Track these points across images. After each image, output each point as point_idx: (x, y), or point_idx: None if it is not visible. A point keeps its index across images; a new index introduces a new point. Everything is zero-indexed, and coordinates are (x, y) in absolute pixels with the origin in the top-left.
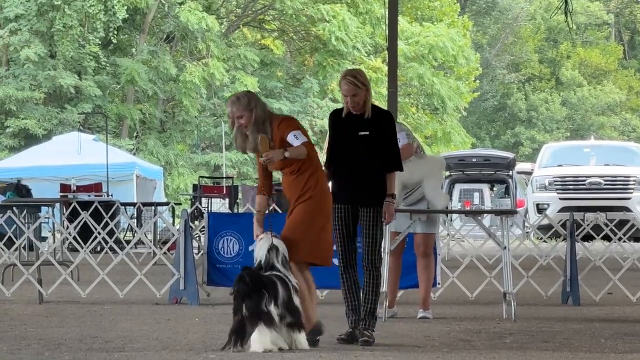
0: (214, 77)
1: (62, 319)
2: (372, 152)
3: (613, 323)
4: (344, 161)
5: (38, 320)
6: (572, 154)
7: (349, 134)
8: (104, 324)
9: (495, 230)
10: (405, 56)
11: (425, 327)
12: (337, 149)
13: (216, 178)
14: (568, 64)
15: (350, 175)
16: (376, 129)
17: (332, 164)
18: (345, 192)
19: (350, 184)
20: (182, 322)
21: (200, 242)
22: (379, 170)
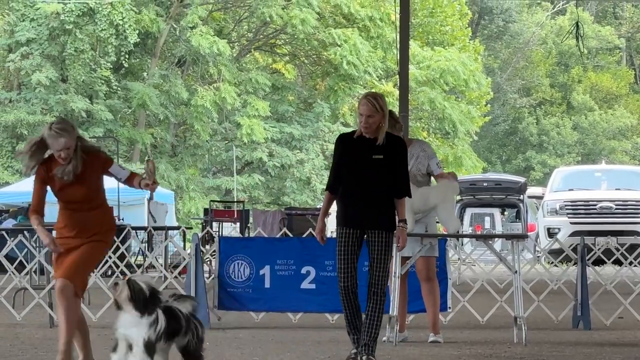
0: (225, 101)
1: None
2: (384, 177)
3: (624, 347)
4: (357, 184)
5: (49, 344)
6: (583, 178)
7: (362, 157)
8: None
9: (506, 255)
10: (416, 80)
11: (436, 352)
12: (348, 171)
13: (227, 202)
14: (579, 88)
15: (362, 199)
16: (389, 154)
17: (342, 186)
18: (356, 216)
19: (362, 208)
20: None
21: (211, 266)
22: (390, 195)
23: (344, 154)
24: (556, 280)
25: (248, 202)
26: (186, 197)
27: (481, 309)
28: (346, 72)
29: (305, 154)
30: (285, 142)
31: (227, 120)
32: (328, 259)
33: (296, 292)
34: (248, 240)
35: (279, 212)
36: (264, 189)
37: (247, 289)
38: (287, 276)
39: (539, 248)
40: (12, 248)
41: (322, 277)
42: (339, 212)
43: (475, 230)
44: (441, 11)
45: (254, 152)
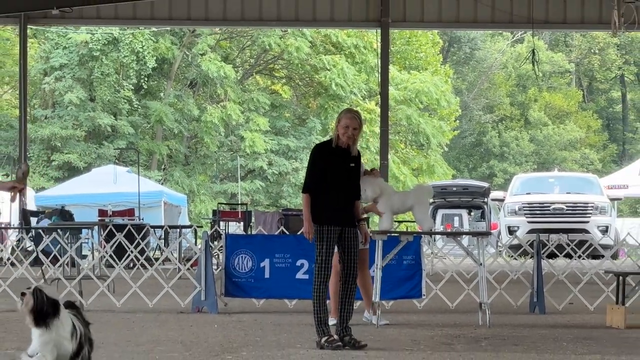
0: (230, 117)
1: (100, 325)
2: (355, 182)
3: (574, 329)
4: (336, 188)
5: None
6: (539, 183)
7: (341, 165)
8: (136, 329)
9: (472, 249)
10: (395, 99)
11: (413, 332)
12: (330, 176)
13: (233, 204)
14: (535, 106)
15: (341, 201)
16: (357, 164)
17: (322, 189)
18: (337, 215)
19: (342, 208)
20: (203, 328)
21: (219, 260)
22: (357, 198)
23: (325, 161)
24: (515, 272)
25: (250, 204)
26: (197, 200)
27: (451, 296)
28: (335, 93)
29: (300, 163)
30: (282, 152)
31: (232, 134)
32: None
33: (292, 282)
34: (250, 237)
35: (277, 213)
36: (264, 193)
37: (249, 279)
38: (284, 268)
39: (500, 244)
40: (48, 244)
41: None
42: (320, 211)
43: (446, 228)
44: (416, 40)
45: (256, 161)
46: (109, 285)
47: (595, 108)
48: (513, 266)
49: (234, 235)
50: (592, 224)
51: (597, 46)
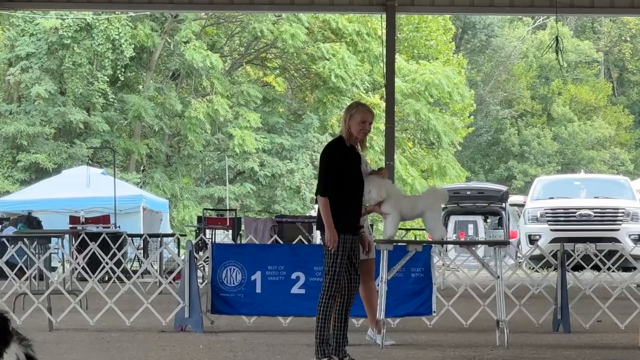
0: (218, 113)
1: (72, 346)
2: (363, 185)
3: (602, 350)
4: (352, 192)
5: (48, 348)
6: (563, 187)
7: (355, 166)
8: (112, 351)
9: (488, 261)
10: (402, 93)
11: (422, 354)
12: (347, 179)
13: (220, 210)
14: (559, 100)
15: (357, 207)
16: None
17: (338, 194)
18: (353, 223)
19: (357, 214)
20: (187, 349)
21: (205, 272)
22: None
23: (341, 162)
24: (537, 285)
25: (240, 210)
26: (180, 205)
27: (465, 313)
28: (334, 85)
29: (295, 164)
30: (275, 152)
31: (219, 132)
32: (317, 264)
33: (286, 297)
34: (240, 246)
35: (269, 219)
36: (255, 198)
37: (239, 294)
38: (278, 281)
39: (520, 254)
40: (13, 255)
41: (312, 282)
42: (335, 219)
43: (459, 237)
44: (426, 26)
45: (246, 162)
46: (82, 300)
47: (627, 102)
48: (534, 279)
49: (221, 244)
50: (623, 232)
51: (629, 33)
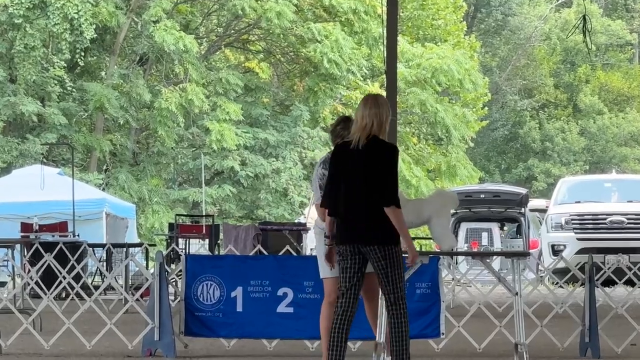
0: (192, 103)
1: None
2: None
3: None
4: None
5: None
6: (592, 189)
7: None
8: None
9: (505, 275)
10: (405, 80)
11: None
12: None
13: (195, 216)
14: (587, 89)
15: None
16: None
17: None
18: None
19: None
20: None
21: (177, 288)
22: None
23: None
24: (561, 303)
25: (218, 216)
26: (149, 210)
27: (478, 335)
28: (327, 72)
29: (282, 163)
30: (259, 149)
31: (194, 125)
32: (307, 279)
33: (272, 317)
34: (218, 258)
35: (252, 227)
36: (236, 202)
37: (217, 313)
38: (262, 299)
39: (542, 267)
40: None
41: (301, 299)
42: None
43: (471, 247)
44: (433, 3)
45: (225, 161)
46: (35, 321)
47: None
48: (558, 296)
49: (196, 256)
50: None
51: None
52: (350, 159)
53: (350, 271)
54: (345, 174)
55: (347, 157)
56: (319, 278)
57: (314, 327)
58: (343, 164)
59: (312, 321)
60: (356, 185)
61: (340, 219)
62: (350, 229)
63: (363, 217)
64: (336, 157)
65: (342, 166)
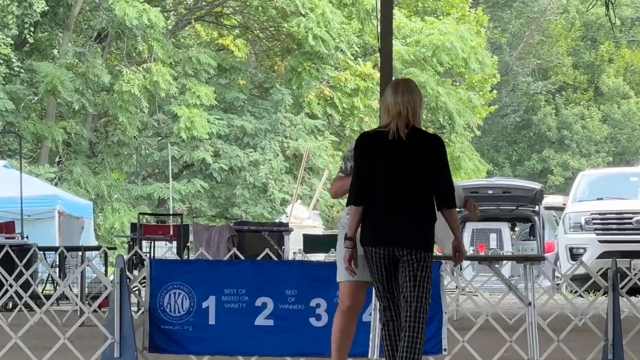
0: (157, 86)
1: None
2: None
3: None
4: None
5: None
6: (616, 184)
7: None
8: None
9: (517, 282)
10: (402, 60)
11: None
12: None
13: (161, 215)
14: (610, 69)
15: None
16: None
17: None
18: None
19: None
20: None
21: (141, 297)
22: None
23: None
24: (581, 315)
25: (187, 215)
26: (108, 208)
27: (486, 351)
28: (312, 50)
29: (261, 154)
30: (234, 138)
31: (160, 111)
32: (290, 287)
33: (249, 330)
34: (187, 263)
35: (226, 227)
36: (208, 199)
37: (186, 326)
38: (238, 309)
39: (559, 273)
40: None
41: (282, 310)
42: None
43: (478, 250)
44: None
45: (195, 152)
46: None
47: None
48: (577, 307)
49: (162, 261)
50: None
51: None
52: (390, 151)
53: (386, 278)
54: (383, 168)
55: (384, 148)
56: (303, 286)
57: (296, 342)
58: (378, 156)
59: (295, 335)
60: (400, 182)
61: (374, 219)
62: (388, 231)
63: (409, 219)
64: (368, 148)
65: (377, 158)
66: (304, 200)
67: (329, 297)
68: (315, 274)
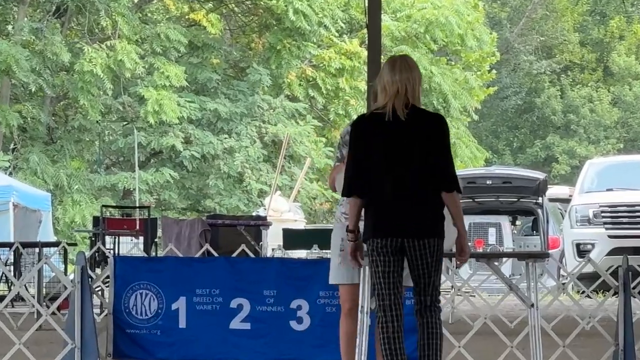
0: (122, 65)
1: None
2: None
3: None
4: None
5: None
6: (627, 173)
7: None
8: None
9: (518, 281)
10: (392, 36)
11: None
12: None
13: (126, 208)
14: (621, 47)
15: None
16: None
17: None
18: None
19: None
20: None
21: (104, 298)
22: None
23: None
24: (589, 317)
25: (155, 207)
26: (68, 200)
27: (484, 357)
28: (293, 25)
29: (236, 140)
30: (207, 123)
31: (125, 93)
32: (268, 287)
33: (223, 334)
34: (155, 261)
35: (198, 221)
36: (178, 190)
37: (154, 330)
38: (211, 311)
39: (564, 272)
40: None
41: (260, 313)
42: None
43: (476, 246)
44: None
45: (164, 138)
46: None
47: None
48: (585, 309)
49: (128, 258)
50: None
51: None
52: (387, 133)
53: (393, 273)
54: (383, 152)
55: (381, 130)
56: (283, 286)
57: (275, 347)
58: (375, 138)
59: (274, 340)
60: (403, 166)
61: (376, 208)
62: (394, 220)
63: (416, 206)
64: (364, 131)
65: (374, 142)
66: (283, 191)
67: (311, 298)
68: (296, 273)
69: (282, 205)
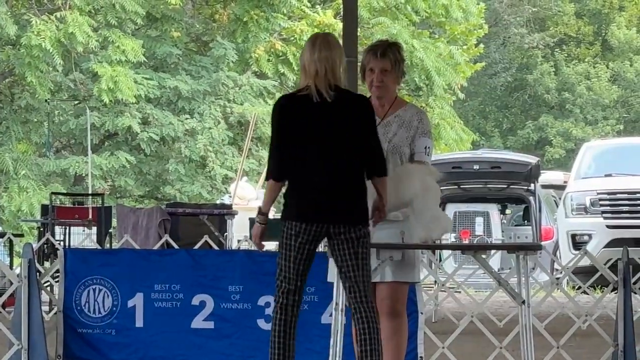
0: (74, 39)
1: None
2: None
3: None
4: None
5: None
6: (627, 157)
7: None
8: None
9: (508, 276)
10: (369, 7)
11: None
12: None
13: (78, 195)
14: (621, 19)
15: None
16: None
17: None
18: None
19: None
20: None
21: (54, 295)
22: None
23: None
24: (585, 315)
25: (110, 194)
26: (14, 187)
27: (470, 358)
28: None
29: (199, 121)
30: (167, 102)
31: (77, 69)
32: (233, 282)
33: (184, 334)
34: (110, 254)
35: (157, 210)
36: (135, 175)
37: (108, 329)
38: (171, 309)
39: (559, 265)
40: None
41: (225, 311)
42: None
43: (461, 238)
44: None
45: (119, 118)
46: None
47: None
48: (581, 306)
49: (79, 250)
50: None
51: None
52: (313, 115)
53: (305, 261)
54: (312, 135)
55: (307, 113)
56: (249, 281)
57: (241, 348)
58: (304, 121)
59: (240, 340)
60: (329, 150)
61: (301, 192)
62: (322, 205)
63: (343, 190)
64: (287, 113)
65: (302, 124)
66: (250, 177)
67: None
68: (263, 267)
69: (249, 192)
